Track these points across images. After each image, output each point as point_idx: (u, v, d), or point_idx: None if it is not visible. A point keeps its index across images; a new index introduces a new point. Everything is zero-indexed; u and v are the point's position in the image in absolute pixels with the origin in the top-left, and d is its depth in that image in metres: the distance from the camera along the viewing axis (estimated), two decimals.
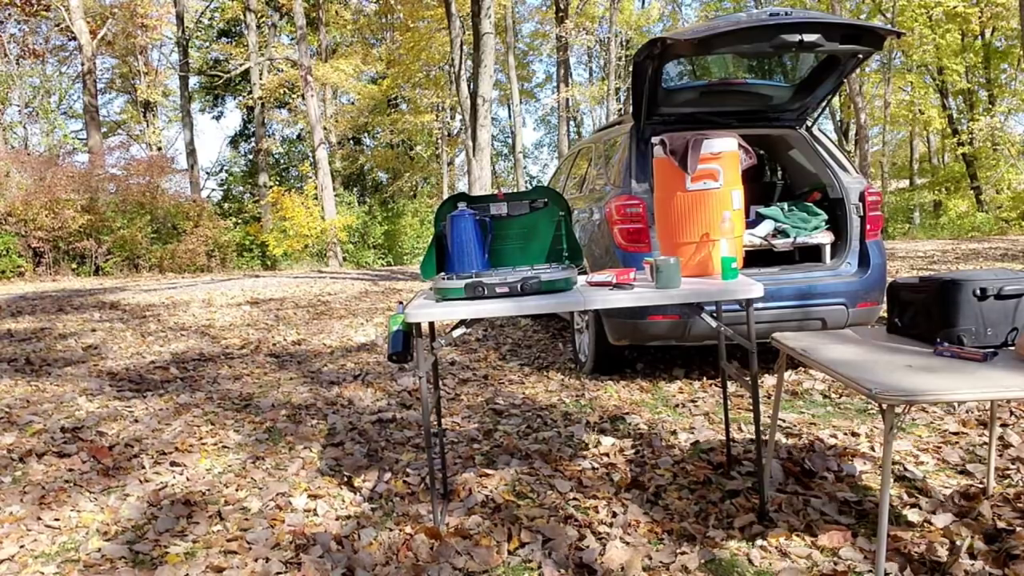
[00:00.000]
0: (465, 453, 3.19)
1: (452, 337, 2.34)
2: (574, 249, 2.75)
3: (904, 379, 1.80)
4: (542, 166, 36.64)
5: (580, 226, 4.61)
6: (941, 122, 20.44)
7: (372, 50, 25.10)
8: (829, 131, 22.43)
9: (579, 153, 5.82)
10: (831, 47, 3.47)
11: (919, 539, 2.17)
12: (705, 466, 2.86)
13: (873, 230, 4.11)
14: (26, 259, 14.88)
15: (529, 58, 28.97)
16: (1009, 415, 3.26)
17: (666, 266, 2.31)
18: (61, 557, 2.37)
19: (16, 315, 8.04)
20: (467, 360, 5.17)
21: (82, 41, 19.10)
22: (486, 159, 10.16)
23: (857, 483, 2.61)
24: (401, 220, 22.13)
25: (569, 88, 22.95)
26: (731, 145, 2.61)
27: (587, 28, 24.04)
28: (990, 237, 13.93)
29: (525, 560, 2.21)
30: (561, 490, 2.70)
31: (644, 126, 4.17)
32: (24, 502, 2.79)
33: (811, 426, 3.27)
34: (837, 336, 2.36)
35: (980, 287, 2.03)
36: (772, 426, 2.56)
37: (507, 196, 2.75)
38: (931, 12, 17.44)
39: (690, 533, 2.31)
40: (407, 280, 11.35)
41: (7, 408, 4.13)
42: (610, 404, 3.83)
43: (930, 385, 1.74)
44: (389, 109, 24.72)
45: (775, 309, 3.87)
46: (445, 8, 12.78)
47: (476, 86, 9.98)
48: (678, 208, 2.63)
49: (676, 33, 3.59)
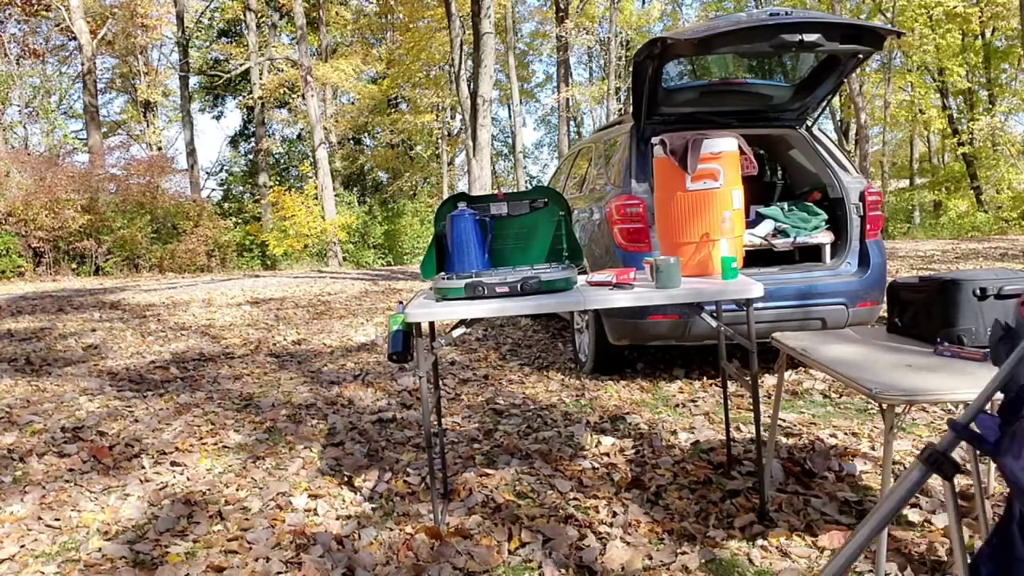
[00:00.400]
0: (465, 453, 3.19)
1: (452, 337, 2.34)
2: (574, 249, 2.75)
3: (904, 379, 1.80)
4: (542, 166, 36.67)
5: (580, 226, 4.61)
6: (941, 122, 20.44)
7: (372, 50, 25.11)
8: (829, 131, 22.43)
9: (579, 153, 5.83)
10: (831, 47, 3.47)
11: (919, 539, 2.17)
12: (705, 466, 2.86)
13: (873, 230, 4.11)
14: (26, 259, 14.88)
15: (529, 58, 28.98)
16: None
17: (666, 266, 2.31)
18: (61, 557, 2.37)
19: (16, 315, 8.04)
20: (467, 360, 5.17)
21: (82, 41, 19.10)
22: (486, 159, 10.16)
23: (857, 483, 2.61)
24: (401, 220, 22.13)
25: (569, 88, 22.95)
26: (731, 145, 2.61)
27: (587, 28, 24.03)
28: (990, 237, 13.94)
29: (525, 560, 2.21)
30: (561, 490, 2.71)
31: (644, 126, 4.17)
32: (24, 502, 2.79)
33: (811, 426, 3.27)
34: (837, 336, 2.36)
35: (980, 287, 2.03)
36: (772, 426, 2.56)
37: (507, 196, 2.75)
38: (931, 12, 17.43)
39: (690, 533, 2.31)
40: (407, 280, 11.35)
41: (7, 408, 4.13)
42: (610, 404, 3.83)
43: (930, 385, 1.74)
44: (389, 109, 24.72)
45: (775, 309, 3.87)
46: (445, 8, 12.78)
47: (476, 86, 9.98)
48: (678, 208, 2.63)
49: (676, 33, 3.59)
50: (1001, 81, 21.37)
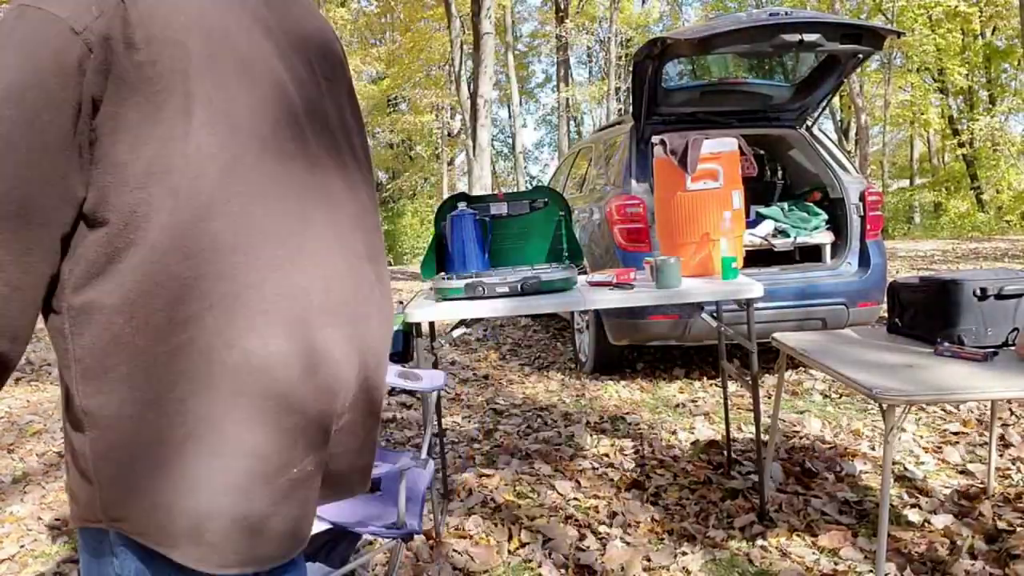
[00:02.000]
0: (465, 453, 3.19)
1: (452, 337, 2.34)
2: (574, 249, 2.75)
3: (904, 379, 1.80)
4: (542, 166, 36.64)
5: (580, 226, 4.61)
6: (941, 122, 20.43)
7: (372, 50, 25.10)
8: (829, 131, 22.43)
9: (579, 153, 5.83)
10: (831, 47, 3.47)
11: (919, 539, 2.17)
12: (705, 466, 2.86)
13: (873, 230, 4.11)
14: None
15: (529, 58, 28.97)
16: (1009, 415, 3.26)
17: (666, 266, 2.30)
18: (61, 557, 2.37)
19: None
20: (467, 360, 5.17)
21: None
22: (486, 159, 10.16)
23: (857, 483, 2.61)
24: (401, 220, 22.14)
25: (569, 88, 22.94)
26: (731, 145, 2.60)
27: (587, 28, 24.03)
28: (991, 237, 13.94)
29: (525, 560, 2.21)
30: (561, 490, 2.70)
31: (644, 126, 4.17)
32: (24, 502, 2.79)
33: (811, 426, 3.27)
34: (837, 336, 2.35)
35: (980, 287, 2.03)
36: (772, 426, 2.56)
37: (507, 196, 2.75)
38: (931, 12, 17.43)
39: (690, 533, 2.31)
40: (407, 280, 11.35)
41: (7, 408, 4.13)
42: (610, 404, 3.83)
43: (930, 385, 1.74)
44: (389, 109, 24.73)
45: (775, 309, 3.87)
46: (445, 8, 12.78)
47: (476, 86, 9.98)
48: (678, 208, 2.63)
49: (676, 33, 3.59)
50: (1002, 81, 21.37)
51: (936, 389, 1.72)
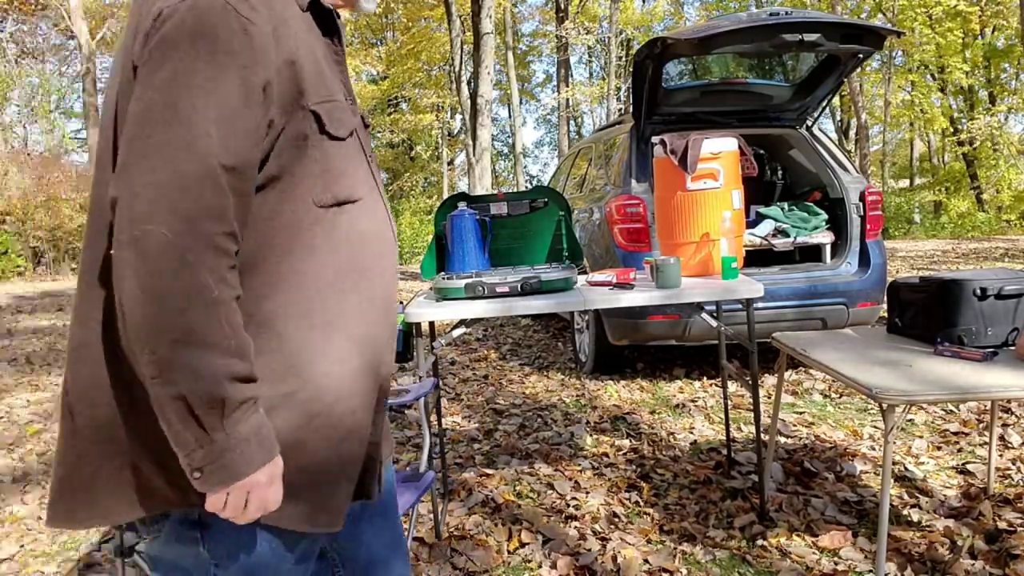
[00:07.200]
0: (465, 453, 3.19)
1: (452, 337, 2.34)
2: (574, 249, 2.75)
3: (904, 379, 1.80)
4: (542, 166, 36.60)
5: (580, 226, 4.61)
6: (942, 122, 20.41)
7: (372, 50, 25.09)
8: (829, 131, 22.42)
9: (579, 153, 5.82)
10: (831, 46, 3.47)
11: (919, 539, 2.17)
12: (705, 466, 2.86)
13: (873, 230, 4.11)
14: (26, 259, 14.87)
15: (529, 58, 28.96)
16: (1009, 415, 3.26)
17: (666, 266, 2.30)
18: (61, 557, 2.37)
19: (16, 315, 8.04)
20: (467, 360, 5.16)
21: (81, 41, 19.10)
22: (486, 159, 10.16)
23: (857, 483, 2.61)
24: (401, 220, 22.11)
25: (569, 88, 22.93)
26: (731, 145, 2.60)
27: (587, 28, 24.02)
28: (991, 237, 13.93)
29: (525, 560, 2.21)
30: (561, 490, 2.70)
31: (644, 126, 4.17)
32: (24, 502, 2.79)
33: (811, 426, 3.27)
34: (837, 336, 2.35)
35: (980, 287, 2.02)
36: (772, 426, 2.55)
37: (507, 196, 2.75)
38: (931, 11, 17.41)
39: (690, 533, 2.31)
40: (407, 280, 11.34)
41: (7, 407, 4.13)
42: (610, 404, 3.82)
43: (930, 385, 1.74)
44: (389, 109, 24.72)
45: (775, 309, 3.87)
46: (445, 8, 12.78)
47: (476, 86, 9.98)
48: (678, 208, 2.63)
49: (676, 33, 3.59)
50: (1001, 81, 21.35)
51: (936, 389, 1.72)
